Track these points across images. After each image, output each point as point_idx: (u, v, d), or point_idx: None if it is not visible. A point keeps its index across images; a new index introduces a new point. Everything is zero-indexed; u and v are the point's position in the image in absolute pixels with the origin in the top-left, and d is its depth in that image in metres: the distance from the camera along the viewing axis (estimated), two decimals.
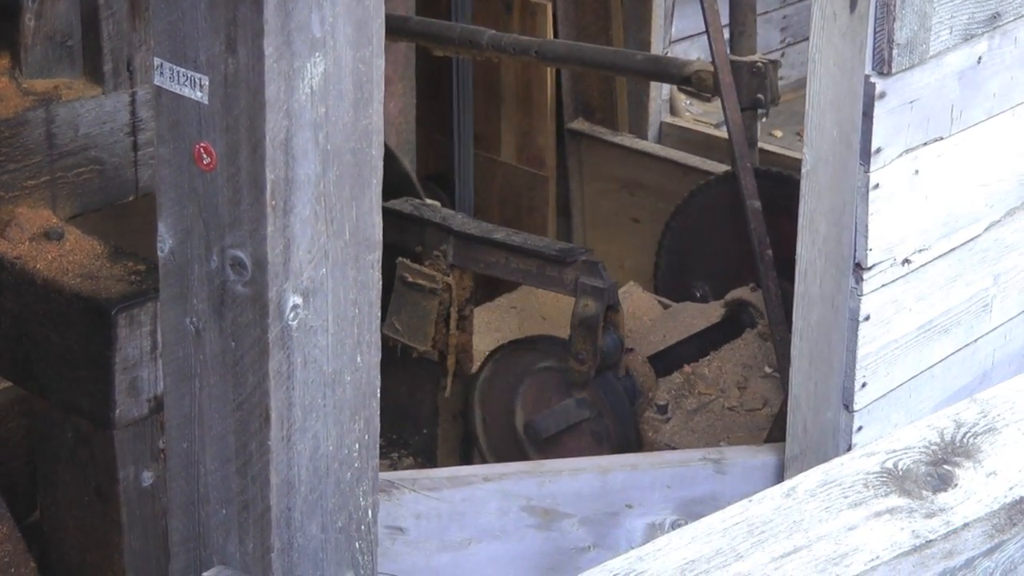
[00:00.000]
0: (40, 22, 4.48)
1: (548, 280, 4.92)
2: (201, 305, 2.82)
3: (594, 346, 4.78)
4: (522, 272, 4.97)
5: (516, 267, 4.97)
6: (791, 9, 7.72)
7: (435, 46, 5.91)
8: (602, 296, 4.79)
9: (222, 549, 2.93)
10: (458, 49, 5.84)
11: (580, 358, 4.82)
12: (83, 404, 4.19)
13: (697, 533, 2.31)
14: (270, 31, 2.61)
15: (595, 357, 4.79)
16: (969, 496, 2.37)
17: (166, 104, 2.75)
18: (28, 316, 4.25)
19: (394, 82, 6.30)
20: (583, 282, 4.81)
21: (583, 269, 4.83)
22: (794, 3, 7.72)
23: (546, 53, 5.68)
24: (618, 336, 4.86)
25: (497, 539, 3.92)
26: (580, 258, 4.86)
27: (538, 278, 4.95)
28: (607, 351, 4.83)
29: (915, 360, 3.92)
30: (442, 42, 5.84)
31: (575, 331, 4.81)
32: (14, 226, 4.35)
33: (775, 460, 3.98)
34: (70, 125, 4.46)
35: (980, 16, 3.74)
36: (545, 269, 4.90)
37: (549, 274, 4.91)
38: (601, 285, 4.80)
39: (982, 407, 2.55)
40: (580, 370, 4.83)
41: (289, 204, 2.71)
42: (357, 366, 2.90)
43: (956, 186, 3.87)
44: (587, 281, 4.81)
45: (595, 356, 4.79)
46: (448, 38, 5.80)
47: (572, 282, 4.84)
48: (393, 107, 6.28)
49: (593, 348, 4.78)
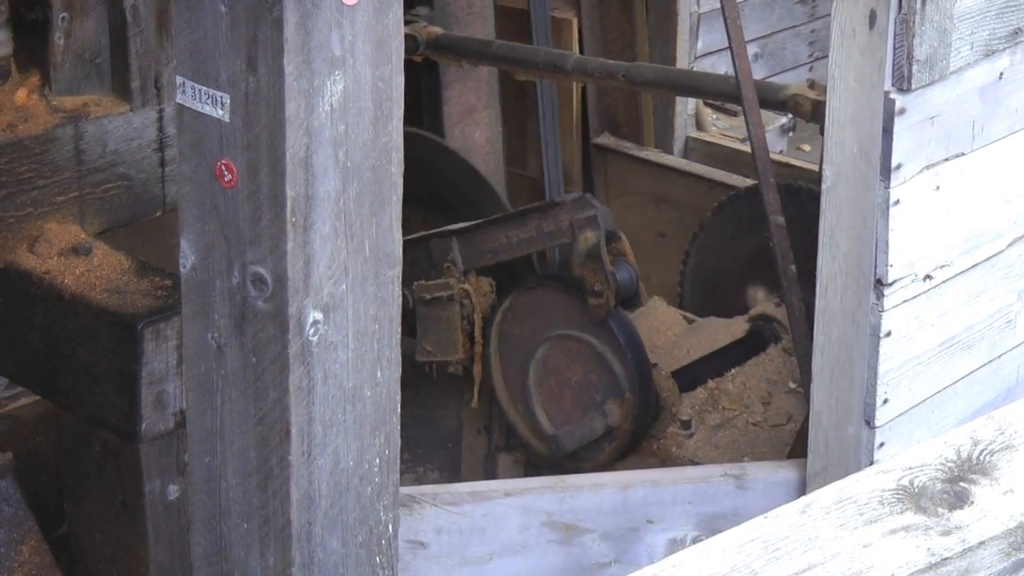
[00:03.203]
0: (69, 40, 4.50)
1: (549, 236, 4.87)
2: (223, 321, 2.83)
3: (606, 275, 4.72)
4: (525, 241, 4.93)
5: (518, 239, 4.93)
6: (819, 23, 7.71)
7: (518, 71, 5.81)
8: (596, 222, 4.75)
9: (244, 563, 2.93)
10: (543, 73, 5.72)
11: (596, 291, 4.75)
12: (110, 418, 4.20)
13: (712, 550, 2.31)
14: (290, 50, 2.62)
15: (610, 284, 4.73)
16: (985, 514, 2.36)
17: (188, 122, 2.76)
18: (56, 330, 4.26)
19: (478, 110, 6.22)
20: (576, 218, 4.78)
21: (574, 207, 4.80)
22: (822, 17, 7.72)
23: (634, 77, 5.52)
24: (630, 264, 4.81)
25: (518, 554, 3.92)
26: (568, 199, 4.84)
27: (540, 239, 4.91)
28: (623, 281, 4.78)
29: (938, 376, 3.90)
30: (526, 66, 5.70)
31: (584, 268, 4.75)
32: (43, 241, 4.36)
33: (797, 476, 3.97)
34: (98, 141, 4.47)
35: (1001, 32, 3.73)
36: (542, 225, 4.87)
37: (547, 229, 4.86)
38: (593, 212, 4.76)
39: (999, 424, 2.54)
40: (599, 303, 4.76)
41: (309, 221, 2.72)
42: (377, 381, 2.90)
43: (978, 202, 3.86)
44: (579, 215, 4.77)
45: (610, 283, 4.73)
46: (532, 62, 5.66)
47: (568, 224, 4.80)
48: (479, 136, 6.18)
49: (605, 276, 4.72)
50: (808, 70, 7.62)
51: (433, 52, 5.81)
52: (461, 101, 6.20)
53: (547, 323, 4.98)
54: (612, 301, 4.75)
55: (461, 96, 6.20)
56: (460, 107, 6.20)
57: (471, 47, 5.85)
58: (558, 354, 4.96)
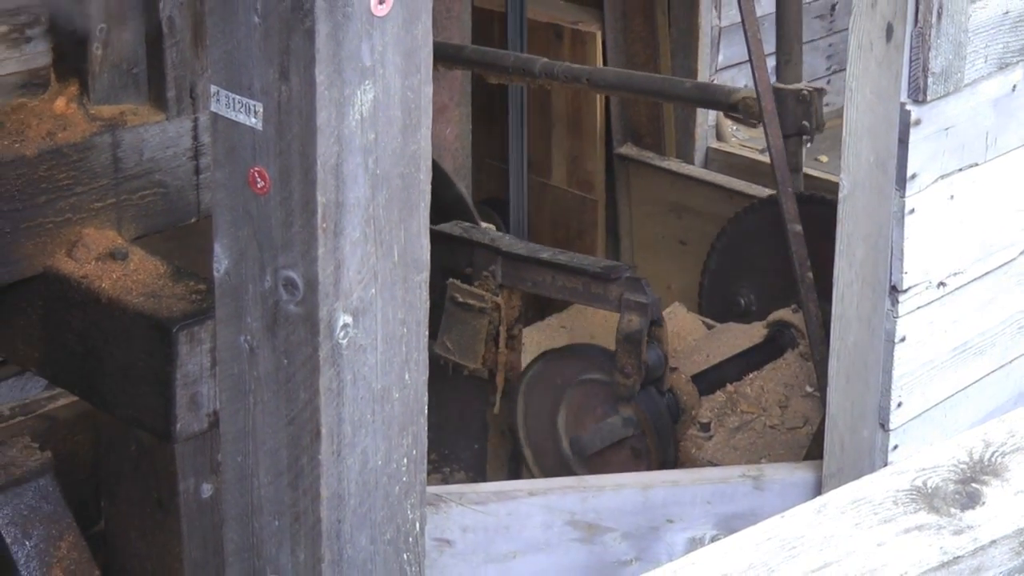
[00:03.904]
0: (107, 51, 4.51)
1: (593, 297, 4.92)
2: (255, 324, 2.83)
3: (639, 360, 4.76)
4: (568, 290, 4.96)
5: (562, 285, 4.96)
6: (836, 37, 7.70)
7: (490, 74, 5.91)
8: (646, 311, 4.78)
9: (275, 559, 2.94)
10: (512, 77, 5.83)
11: (625, 372, 4.81)
12: (145, 418, 4.21)
13: (731, 548, 2.31)
14: (321, 60, 2.62)
15: (640, 371, 4.78)
16: (997, 514, 2.36)
17: (222, 130, 2.77)
18: (93, 333, 4.27)
19: (450, 109, 6.31)
20: (627, 298, 4.80)
21: (627, 286, 4.83)
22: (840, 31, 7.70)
23: (596, 81, 5.66)
24: (662, 351, 4.85)
25: (541, 552, 3.92)
26: (624, 275, 4.86)
27: (584, 295, 4.95)
28: (652, 365, 4.82)
29: (950, 381, 3.90)
30: (497, 70, 5.83)
31: (620, 346, 4.80)
32: (81, 246, 4.38)
33: (813, 477, 3.97)
34: (135, 149, 4.48)
35: (1015, 45, 3.72)
36: (590, 286, 4.90)
37: (594, 291, 4.90)
38: (645, 301, 4.79)
39: (1011, 427, 2.54)
40: (625, 384, 4.82)
41: (340, 227, 2.72)
42: (405, 383, 2.90)
43: (991, 211, 3.86)
44: (631, 297, 4.80)
45: (640, 370, 4.78)
46: (502, 66, 5.79)
47: (616, 298, 4.83)
48: (450, 133, 6.28)
49: (638, 362, 4.77)
50: (826, 83, 7.60)
51: None
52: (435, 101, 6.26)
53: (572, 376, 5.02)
54: (637, 386, 4.79)
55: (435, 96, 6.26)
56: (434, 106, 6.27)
57: (446, 51, 5.94)
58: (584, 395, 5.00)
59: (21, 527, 4.30)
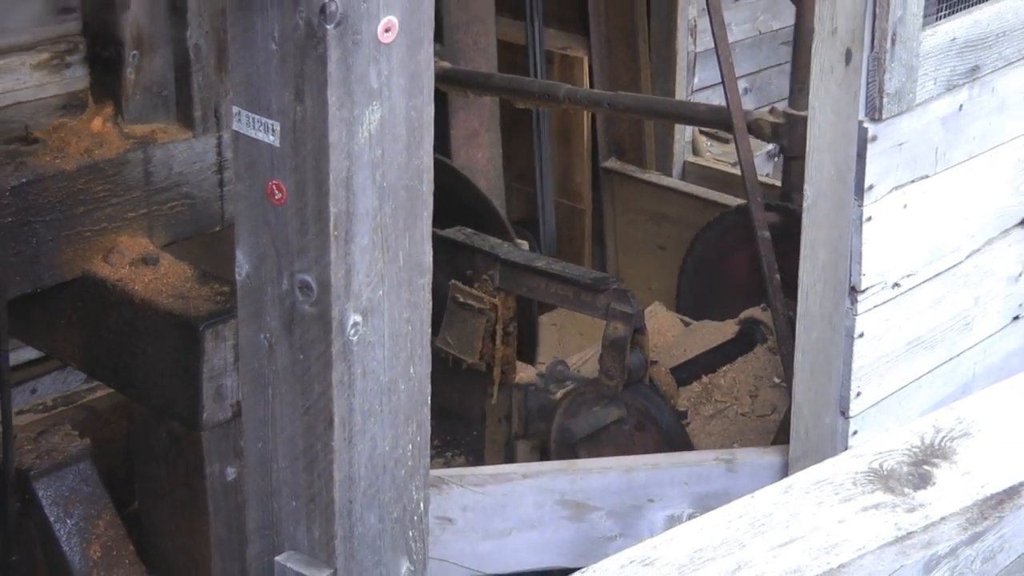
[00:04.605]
0: (139, 75, 4.51)
1: (583, 304, 4.91)
2: (273, 323, 2.82)
3: (622, 364, 4.76)
4: (560, 297, 4.95)
5: (555, 292, 4.95)
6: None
7: (517, 99, 5.84)
8: (630, 321, 4.77)
9: (292, 536, 2.93)
10: (538, 102, 5.76)
11: (609, 374, 4.80)
12: (175, 408, 4.20)
13: (705, 525, 2.31)
14: (333, 83, 2.62)
15: (623, 374, 4.77)
16: (946, 493, 2.36)
17: (243, 147, 2.76)
18: (127, 331, 4.27)
19: (480, 134, 6.23)
20: (614, 308, 4.79)
21: (614, 296, 4.82)
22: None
23: (617, 105, 5.60)
24: (643, 355, 4.84)
25: (534, 529, 3.91)
26: (612, 286, 4.85)
27: (574, 302, 4.93)
28: (633, 368, 4.82)
29: (904, 372, 3.89)
30: (523, 96, 5.76)
31: (605, 350, 4.79)
32: (116, 252, 4.37)
33: (780, 461, 3.96)
34: (165, 164, 4.47)
35: (961, 69, 3.72)
36: (580, 295, 4.88)
37: (584, 299, 4.89)
38: (630, 311, 4.78)
39: (958, 414, 2.54)
40: (609, 384, 4.81)
41: (350, 234, 2.71)
42: (410, 376, 2.89)
43: (940, 219, 3.85)
44: (617, 307, 4.79)
45: (623, 373, 4.77)
46: (529, 92, 5.73)
47: (604, 307, 4.82)
48: (481, 157, 6.21)
49: (621, 366, 4.76)
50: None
51: (442, 83, 5.82)
52: (465, 126, 6.24)
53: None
54: (619, 387, 4.77)
55: (465, 122, 6.24)
56: (465, 131, 6.24)
57: (476, 79, 5.90)
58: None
59: (63, 507, 4.30)
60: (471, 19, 6.17)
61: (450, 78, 5.88)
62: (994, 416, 2.54)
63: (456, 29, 6.14)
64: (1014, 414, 2.55)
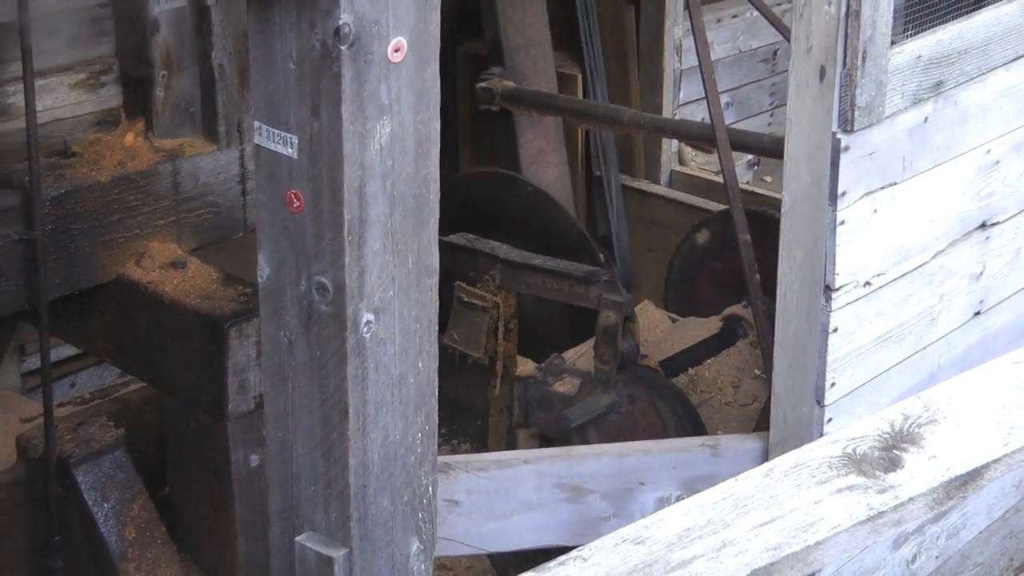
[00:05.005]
0: (168, 93, 4.51)
1: (577, 296, 4.89)
2: (292, 321, 2.82)
3: (615, 349, 4.74)
4: (556, 291, 4.93)
5: (551, 287, 4.94)
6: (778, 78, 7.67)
7: (580, 122, 5.66)
8: (621, 309, 4.76)
9: (311, 518, 2.93)
10: (601, 124, 5.58)
11: (604, 359, 4.78)
12: (202, 401, 4.20)
13: (692, 506, 2.30)
14: (347, 99, 2.62)
15: (616, 359, 4.75)
16: (914, 476, 2.36)
17: (263, 159, 2.76)
18: (158, 330, 4.27)
19: (547, 153, 6.09)
20: (605, 297, 4.78)
21: (605, 287, 4.81)
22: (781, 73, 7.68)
23: (681, 132, 5.41)
24: (635, 341, 4.83)
25: (534, 511, 3.90)
26: (602, 278, 4.84)
27: (569, 295, 4.92)
28: (626, 353, 4.80)
29: (875, 364, 3.89)
30: (587, 118, 5.56)
31: (599, 338, 4.78)
32: (147, 257, 4.37)
33: (761, 446, 3.95)
34: (192, 176, 4.48)
35: (926, 84, 3.71)
36: (574, 288, 4.87)
37: (577, 292, 4.87)
38: (620, 300, 4.77)
39: (925, 403, 2.53)
40: (604, 369, 4.80)
41: (363, 239, 2.72)
42: (419, 370, 2.89)
43: (908, 222, 3.85)
44: (608, 296, 4.78)
45: (616, 358, 4.75)
46: (593, 115, 5.54)
47: (596, 298, 4.81)
48: (551, 174, 6.04)
49: (614, 351, 4.74)
50: (769, 116, 7.60)
51: (507, 102, 5.69)
52: (533, 145, 6.08)
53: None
54: (614, 371, 4.76)
55: (533, 141, 6.08)
56: (533, 150, 6.07)
57: (540, 99, 5.71)
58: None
59: (100, 491, 4.30)
60: (528, 42, 6.02)
61: (514, 97, 5.70)
62: (958, 404, 2.53)
63: (515, 51, 5.98)
64: (976, 402, 2.54)
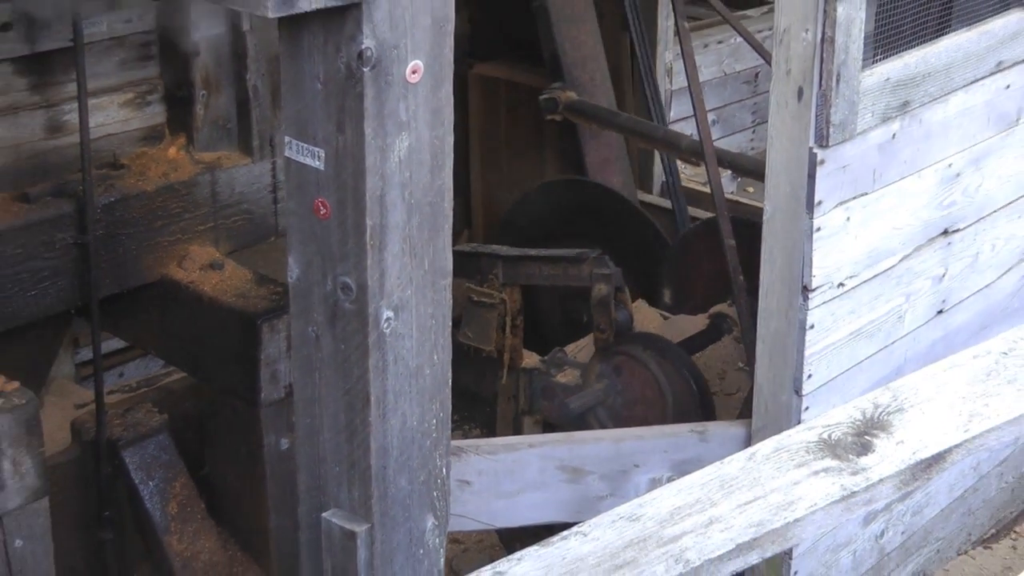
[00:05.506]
0: (207, 111, 4.51)
1: (572, 277, 4.84)
2: (319, 318, 2.82)
3: (611, 318, 4.69)
4: (552, 276, 4.90)
5: (548, 273, 4.90)
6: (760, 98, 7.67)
7: (639, 141, 5.47)
8: (610, 280, 4.71)
9: (336, 496, 2.93)
10: (658, 146, 5.36)
11: (601, 329, 4.73)
12: (238, 389, 4.21)
13: (682, 486, 2.30)
14: (368, 117, 2.61)
15: (612, 327, 4.70)
16: (884, 459, 2.35)
17: (293, 171, 2.76)
18: (198, 325, 4.27)
19: (612, 162, 6.03)
20: (595, 272, 4.74)
21: (595, 263, 4.76)
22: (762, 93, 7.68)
23: (738, 166, 5.22)
24: (628, 311, 4.78)
25: (538, 490, 3.90)
26: (591, 256, 4.81)
27: (564, 277, 4.87)
28: (621, 321, 4.74)
29: (848, 358, 3.88)
30: (646, 139, 5.37)
31: (595, 309, 4.72)
32: (188, 259, 4.37)
33: (744, 432, 3.95)
34: (228, 185, 4.48)
35: (894, 104, 3.70)
36: (568, 269, 4.83)
37: (571, 272, 4.82)
38: (608, 271, 4.72)
39: (894, 393, 2.52)
40: (602, 338, 4.75)
41: (383, 243, 2.71)
42: (434, 362, 2.89)
43: (878, 229, 3.83)
44: (598, 271, 4.74)
45: (612, 326, 4.70)
46: (653, 137, 5.36)
47: (588, 274, 4.76)
48: (616, 181, 6.00)
49: (610, 320, 4.69)
50: (752, 132, 7.59)
51: (570, 113, 5.56)
52: (598, 154, 6.00)
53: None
54: (611, 338, 4.72)
55: (598, 151, 6.00)
56: (598, 159, 5.99)
57: (602, 114, 5.54)
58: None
59: (146, 471, 4.30)
60: (585, 57, 5.91)
61: (577, 109, 5.51)
62: (923, 394, 2.53)
63: (573, 67, 5.87)
64: (939, 392, 2.54)
